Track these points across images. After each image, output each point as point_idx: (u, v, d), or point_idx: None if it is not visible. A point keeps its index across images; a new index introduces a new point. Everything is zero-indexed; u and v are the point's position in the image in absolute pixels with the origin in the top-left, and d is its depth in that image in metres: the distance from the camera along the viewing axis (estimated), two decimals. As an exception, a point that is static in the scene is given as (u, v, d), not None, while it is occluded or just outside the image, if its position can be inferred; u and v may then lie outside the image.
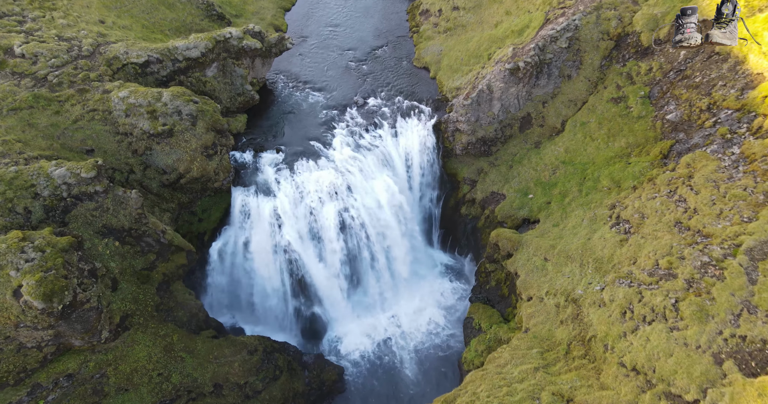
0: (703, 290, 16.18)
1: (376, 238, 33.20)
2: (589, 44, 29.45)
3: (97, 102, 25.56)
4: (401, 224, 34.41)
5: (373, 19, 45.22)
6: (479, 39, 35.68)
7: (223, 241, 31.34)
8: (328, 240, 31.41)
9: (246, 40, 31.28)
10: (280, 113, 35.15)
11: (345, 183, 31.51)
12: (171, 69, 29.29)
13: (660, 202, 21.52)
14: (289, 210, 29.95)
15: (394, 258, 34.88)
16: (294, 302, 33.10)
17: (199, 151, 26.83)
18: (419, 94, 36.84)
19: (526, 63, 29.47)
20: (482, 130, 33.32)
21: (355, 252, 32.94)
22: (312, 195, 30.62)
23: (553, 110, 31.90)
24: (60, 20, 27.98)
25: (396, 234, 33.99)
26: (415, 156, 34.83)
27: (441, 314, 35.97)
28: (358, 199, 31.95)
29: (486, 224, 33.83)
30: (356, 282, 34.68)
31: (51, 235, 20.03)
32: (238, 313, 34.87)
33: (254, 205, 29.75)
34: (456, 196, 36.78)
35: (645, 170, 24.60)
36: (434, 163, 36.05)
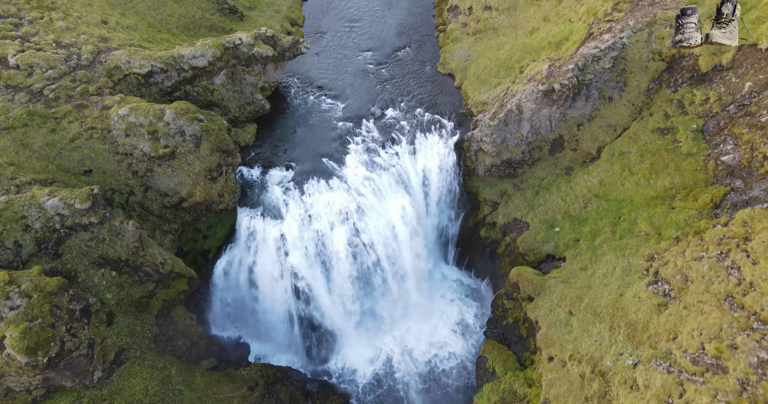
0: (760, 398, 14.00)
1: (387, 262, 31.43)
2: (637, 65, 26.17)
3: (95, 119, 23.88)
4: (415, 246, 32.48)
5: (396, 14, 41.90)
6: (511, 47, 32.40)
7: (228, 259, 30.03)
8: (336, 265, 29.78)
9: (257, 47, 28.88)
10: (292, 123, 32.98)
11: (357, 205, 29.57)
12: (176, 79, 27.27)
13: (708, 266, 19.02)
14: (296, 235, 28.28)
15: (405, 280, 33.18)
16: (300, 324, 31.94)
17: (202, 175, 25.12)
18: (442, 106, 34.06)
19: (562, 85, 26.44)
20: (508, 152, 30.64)
21: (365, 277, 31.32)
22: (322, 218, 28.82)
23: (589, 134, 28.95)
24: (59, 23, 26.01)
25: (409, 257, 32.14)
26: (434, 175, 32.47)
27: (453, 338, 34.45)
28: (370, 222, 30.03)
29: (506, 252, 31.66)
30: (365, 305, 33.24)
31: (40, 276, 18.81)
32: (244, 328, 33.96)
33: (260, 229, 28.15)
34: (475, 216, 34.50)
35: (691, 219, 21.92)
36: (454, 182, 33.65)
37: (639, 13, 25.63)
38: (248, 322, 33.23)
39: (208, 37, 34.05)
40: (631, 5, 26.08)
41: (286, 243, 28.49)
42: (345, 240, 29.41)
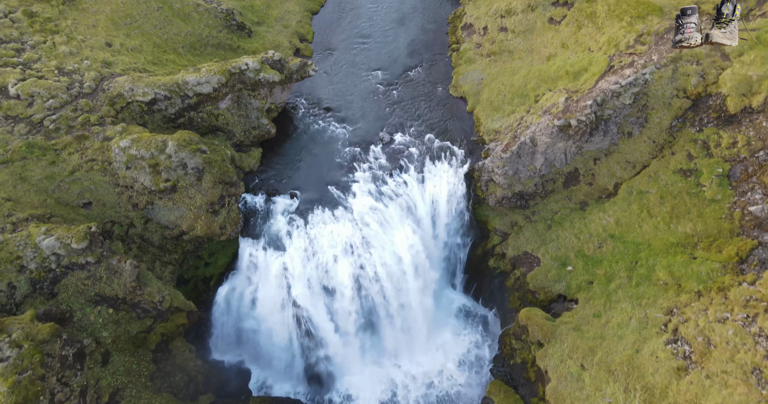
0: None
1: (392, 293, 30.57)
2: (659, 101, 24.88)
3: (96, 151, 23.25)
4: (421, 278, 31.56)
5: (408, 30, 40.76)
6: (527, 73, 31.19)
7: (230, 286, 29.39)
8: (340, 298, 29.00)
9: (264, 72, 28.05)
10: (298, 147, 32.15)
11: (362, 237, 28.71)
12: (180, 106, 26.56)
13: (733, 331, 17.87)
14: (299, 268, 27.52)
15: (410, 311, 32.29)
16: (302, 353, 31.26)
17: (204, 209, 24.42)
18: (452, 131, 32.98)
19: (579, 121, 25.26)
20: (520, 184, 29.53)
21: (369, 309, 30.50)
22: (325, 251, 28.01)
23: (606, 169, 27.73)
24: (62, 47, 25.41)
25: (414, 288, 31.23)
26: (443, 204, 31.47)
27: (459, 371, 33.54)
28: (376, 254, 29.15)
29: (515, 286, 30.62)
30: (369, 336, 32.43)
31: (32, 323, 18.25)
32: (245, 353, 33.37)
33: (263, 261, 27.44)
34: (484, 245, 33.46)
35: (714, 273, 20.72)
36: (463, 211, 32.61)
37: (664, 48, 24.31)
38: (249, 347, 32.63)
39: (215, 55, 33.33)
40: (655, 38, 24.76)
41: (289, 275, 27.76)
42: (349, 272, 28.59)
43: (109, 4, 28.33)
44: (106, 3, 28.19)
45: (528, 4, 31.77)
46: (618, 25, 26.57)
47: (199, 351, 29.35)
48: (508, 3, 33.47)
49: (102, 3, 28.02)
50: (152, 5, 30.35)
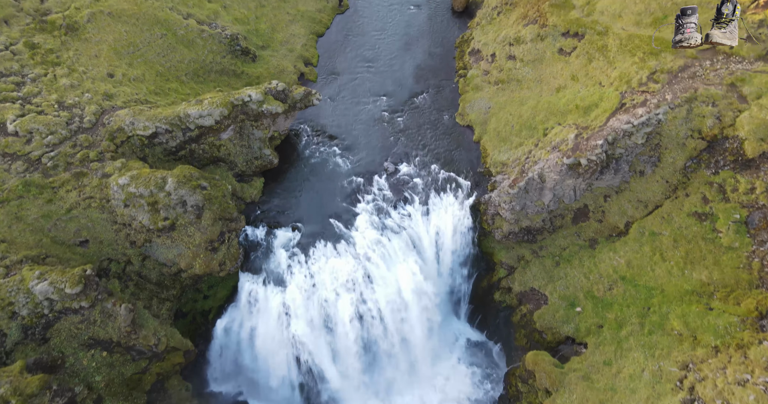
0: None
1: (394, 330, 29.78)
2: (673, 141, 24.10)
3: (94, 188, 22.77)
4: (424, 313, 30.76)
5: (414, 54, 40.26)
6: (535, 104, 30.51)
7: (229, 319, 28.75)
8: (341, 334, 28.24)
9: (267, 104, 27.58)
10: (301, 177, 31.57)
11: (364, 272, 28.01)
12: (181, 139, 26.10)
13: (754, 397, 16.95)
14: (300, 304, 26.85)
15: (413, 348, 31.45)
16: (301, 390, 30.47)
17: (202, 247, 23.84)
18: (459, 162, 32.31)
19: (589, 160, 24.52)
20: (527, 219, 28.75)
21: (370, 345, 29.73)
22: (327, 286, 27.33)
23: (617, 207, 26.91)
24: (63, 80, 25.05)
25: (418, 324, 30.42)
26: (447, 237, 30.72)
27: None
28: (378, 290, 28.44)
29: (522, 322, 29.75)
30: (370, 371, 31.60)
31: (20, 375, 17.65)
32: (244, 384, 32.63)
33: (263, 297, 26.80)
34: (490, 277, 32.66)
35: (732, 328, 19.80)
36: (468, 243, 31.85)
37: (678, 87, 23.56)
38: (248, 381, 31.89)
39: (218, 82, 32.96)
40: (669, 76, 24.04)
41: (289, 311, 27.09)
42: (351, 308, 27.87)
43: (112, 33, 28.02)
44: (109, 32, 27.87)
45: (537, 33, 31.18)
46: (630, 61, 25.89)
47: (196, 383, 28.71)
48: (516, 31, 32.91)
49: (105, 32, 27.71)
50: (156, 33, 30.04)
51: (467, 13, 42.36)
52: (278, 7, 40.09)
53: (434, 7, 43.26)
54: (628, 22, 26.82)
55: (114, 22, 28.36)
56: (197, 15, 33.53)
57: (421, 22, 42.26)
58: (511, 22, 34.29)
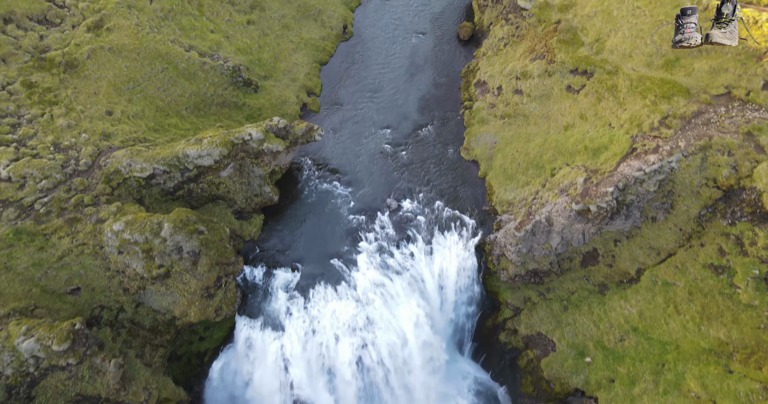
0: None
1: (396, 374, 28.74)
2: (687, 189, 23.23)
3: (88, 234, 22.10)
4: (427, 356, 29.71)
5: (419, 84, 39.69)
6: (543, 142, 29.77)
7: (225, 361, 27.84)
8: (340, 380, 27.25)
9: (267, 142, 26.98)
10: (302, 214, 30.86)
11: (365, 316, 27.11)
12: (179, 180, 25.49)
13: (779, 480, 15.79)
14: (298, 350, 25.94)
15: (415, 392, 30.35)
16: (298, 435, 29.39)
17: (198, 294, 23.05)
18: (463, 199, 31.52)
19: (599, 207, 23.67)
20: (534, 262, 27.83)
21: (371, 391, 28.66)
22: (326, 331, 26.43)
23: (628, 253, 25.96)
24: (60, 120, 24.55)
25: (420, 369, 29.37)
26: (451, 277, 29.81)
27: (465, 454, 31.35)
28: (379, 333, 27.48)
29: (528, 368, 28.65)
30: (370, 416, 30.50)
31: (4, 444, 16.80)
32: (239, 425, 31.57)
33: (260, 342, 25.92)
34: (495, 317, 31.62)
35: (754, 395, 18.71)
36: (473, 283, 30.92)
37: (691, 134, 22.76)
38: (244, 422, 30.84)
39: (219, 115, 32.47)
40: (682, 122, 23.25)
41: (287, 356, 26.17)
42: (351, 353, 26.91)
43: (113, 69, 27.61)
44: (109, 68, 27.47)
45: (545, 68, 30.56)
46: (641, 103, 25.15)
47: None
48: (523, 65, 32.32)
49: (105, 68, 27.31)
50: (157, 67, 29.63)
51: (473, 41, 41.91)
52: (281, 36, 39.77)
53: (440, 35, 42.84)
54: (638, 62, 26.15)
55: (114, 58, 27.97)
56: (199, 47, 33.18)
57: (427, 50, 41.81)
58: (518, 55, 33.73)
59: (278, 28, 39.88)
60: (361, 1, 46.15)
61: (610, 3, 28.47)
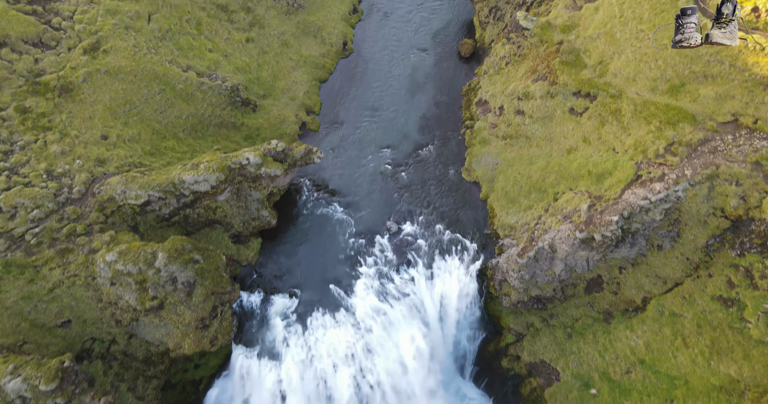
0: None
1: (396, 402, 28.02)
2: (694, 218, 22.67)
3: (80, 266, 21.56)
4: (427, 383, 29.01)
5: (419, 102, 39.27)
6: (545, 165, 29.27)
7: (221, 390, 27.16)
8: (339, 410, 26.56)
9: (265, 167, 26.52)
10: (301, 237, 30.31)
11: (364, 343, 26.48)
12: (175, 206, 24.99)
13: None
14: (296, 379, 25.28)
15: (415, 420, 29.62)
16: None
17: (193, 326, 22.47)
18: (464, 222, 30.98)
19: (604, 236, 23.12)
20: (537, 288, 27.24)
21: (370, 420, 27.95)
22: (324, 359, 25.79)
23: (633, 280, 25.35)
24: (53, 147, 24.11)
25: (420, 396, 28.65)
26: (452, 303, 29.20)
27: None
28: (378, 361, 26.83)
29: (532, 398, 27.94)
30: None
31: None
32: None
33: (256, 371, 25.26)
34: (497, 342, 30.94)
35: (766, 438, 18.00)
36: (474, 307, 30.29)
37: (698, 162, 22.25)
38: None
39: (217, 136, 32.05)
40: (688, 150, 22.76)
41: (284, 386, 25.50)
42: (349, 382, 26.24)
43: (109, 92, 27.23)
44: (106, 91, 27.08)
45: (547, 90, 30.15)
46: (645, 129, 24.68)
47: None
48: (525, 86, 31.91)
49: (101, 91, 26.92)
50: (154, 88, 29.25)
51: (474, 58, 41.59)
52: (281, 53, 39.48)
53: (440, 52, 42.54)
54: (642, 87, 25.72)
55: (111, 80, 27.60)
56: (197, 66, 32.85)
57: (427, 67, 41.48)
58: (520, 75, 33.34)
59: (277, 45, 39.60)
60: (361, 17, 45.94)
61: (613, 25, 28.11)
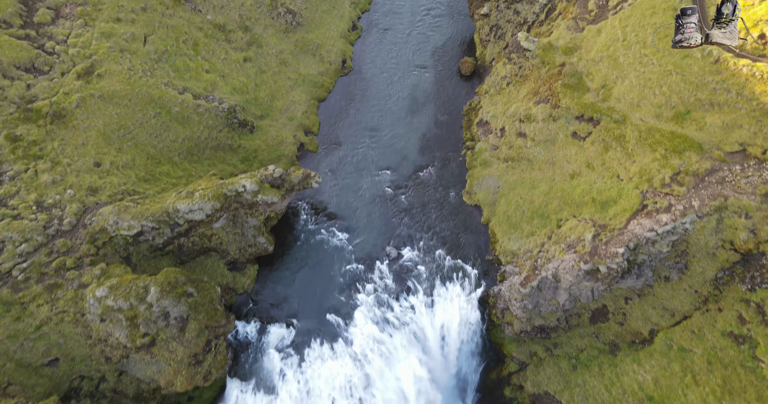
0: None
1: (396, 436, 27.19)
2: (702, 250, 22.02)
3: (68, 301, 20.87)
4: (429, 414, 28.18)
5: (419, 122, 38.73)
6: (548, 189, 28.67)
7: (216, 422, 26.31)
8: (337, 446, 25.71)
9: (262, 194, 25.92)
10: (298, 263, 29.63)
11: (363, 375, 25.71)
12: (169, 235, 24.35)
13: None
14: (292, 415, 24.50)
15: (416, 453, 28.74)
16: None
17: (185, 362, 21.70)
18: (465, 247, 30.32)
19: (609, 268, 22.46)
20: (541, 318, 26.51)
21: (369, 455, 27.08)
22: (322, 392, 25.00)
23: (640, 312, 24.64)
24: (44, 176, 23.53)
25: (421, 429, 27.81)
26: (453, 331, 28.46)
27: None
28: (378, 394, 26.04)
29: (535, 430, 27.06)
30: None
31: None
32: None
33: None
34: (500, 370, 30.11)
35: None
36: (476, 335, 29.53)
37: (705, 193, 21.65)
38: None
39: (214, 159, 31.51)
40: (695, 180, 22.17)
41: (280, 422, 24.71)
42: (348, 417, 25.45)
43: (103, 117, 26.70)
44: (99, 116, 26.56)
45: (549, 113, 29.64)
46: (651, 156, 24.12)
47: None
48: (527, 108, 31.42)
49: (95, 117, 26.40)
50: (149, 112, 28.74)
51: (475, 76, 41.17)
52: (279, 72, 39.06)
53: (440, 70, 42.13)
54: (647, 113, 25.20)
55: (105, 105, 27.10)
56: (194, 88, 32.38)
57: (427, 85, 41.05)
58: (522, 97, 32.87)
59: (275, 64, 39.20)
60: (360, 34, 45.62)
61: (616, 49, 27.67)
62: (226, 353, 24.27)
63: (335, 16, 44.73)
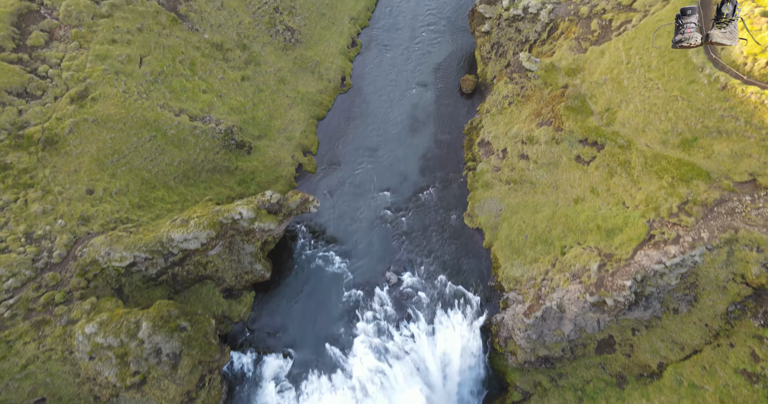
0: None
1: (396, 471, 26.30)
2: (712, 283, 21.33)
3: (56, 339, 20.13)
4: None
5: (420, 142, 38.07)
6: (551, 214, 28.03)
7: (210, 456, 25.38)
8: None
9: (259, 221, 25.27)
10: (296, 289, 28.90)
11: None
12: (162, 265, 23.67)
13: None
14: (288, 453, 23.65)
15: None
16: None
17: (178, 401, 20.91)
18: (467, 272, 29.61)
19: (616, 301, 21.75)
20: (545, 348, 25.74)
21: None
22: (320, 429, 24.20)
23: (648, 344, 23.88)
24: (34, 206, 22.88)
25: (422, 463, 26.92)
26: (455, 359, 27.66)
27: None
28: (378, 428, 25.21)
29: (540, 464, 26.16)
30: None
31: None
32: None
33: (246, 444, 23.65)
34: (502, 400, 29.19)
35: None
36: (478, 363, 28.72)
37: (714, 224, 21.00)
38: None
39: (210, 182, 30.89)
40: (703, 210, 21.54)
41: (276, 459, 23.86)
42: (346, 452, 24.59)
43: (96, 142, 26.13)
44: (93, 141, 25.98)
45: (552, 136, 29.09)
46: (657, 184, 23.50)
47: None
48: (529, 129, 30.88)
49: (88, 142, 25.82)
50: (144, 136, 28.19)
51: (476, 93, 40.67)
52: (277, 91, 38.58)
53: (441, 87, 41.66)
54: (652, 139, 24.63)
55: (99, 130, 26.54)
56: (190, 109, 31.85)
57: (428, 103, 40.55)
58: (524, 117, 32.34)
59: (274, 82, 38.73)
60: (360, 50, 45.23)
61: (620, 72, 27.18)
62: (221, 387, 23.48)
63: (334, 32, 44.38)
